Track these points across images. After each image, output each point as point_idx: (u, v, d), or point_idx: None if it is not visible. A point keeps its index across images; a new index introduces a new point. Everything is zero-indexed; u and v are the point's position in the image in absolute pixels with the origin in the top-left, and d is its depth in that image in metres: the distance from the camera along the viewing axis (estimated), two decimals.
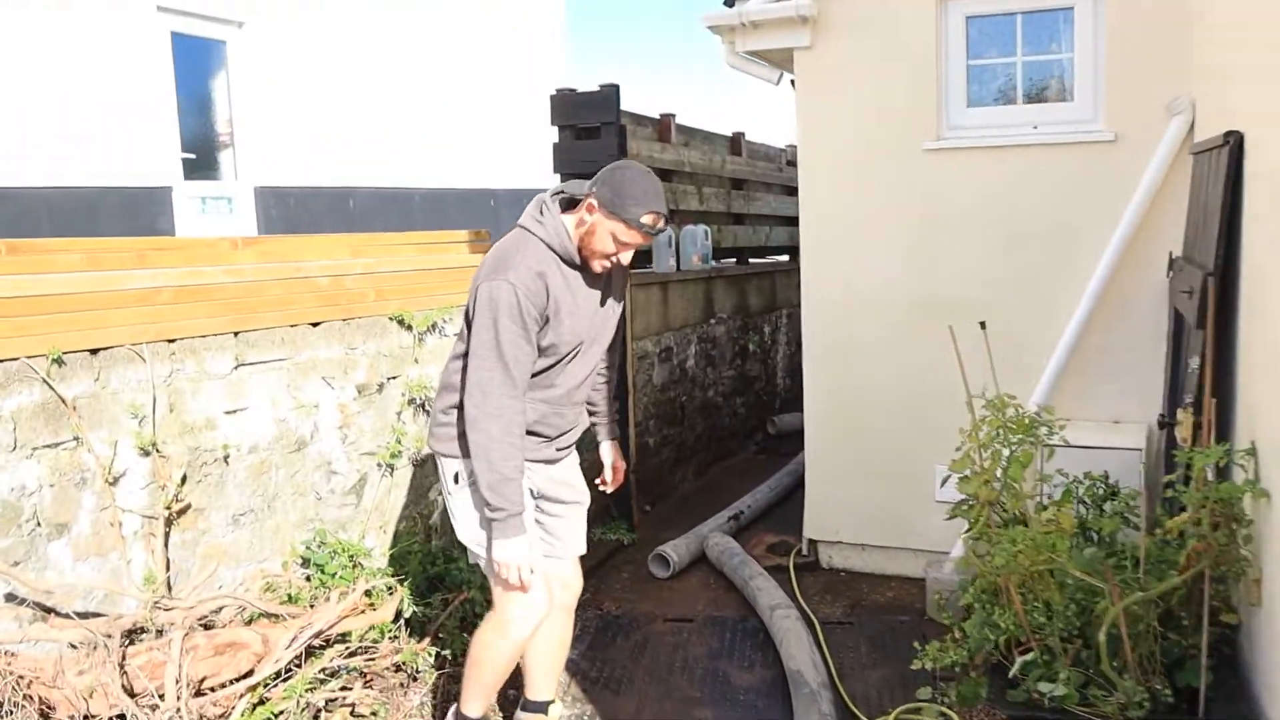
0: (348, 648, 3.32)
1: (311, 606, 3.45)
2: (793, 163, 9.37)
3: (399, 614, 3.63)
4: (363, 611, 3.41)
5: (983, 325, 3.32)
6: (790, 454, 7.16)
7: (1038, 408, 3.05)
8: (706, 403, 7.31)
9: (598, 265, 2.90)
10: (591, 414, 3.40)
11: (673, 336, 6.68)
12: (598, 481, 3.43)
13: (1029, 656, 2.77)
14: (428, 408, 4.29)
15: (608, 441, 3.47)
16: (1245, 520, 2.81)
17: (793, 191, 9.39)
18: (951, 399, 4.75)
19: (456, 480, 3.02)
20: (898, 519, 4.96)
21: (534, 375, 2.92)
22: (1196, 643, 2.90)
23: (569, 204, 2.97)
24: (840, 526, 5.10)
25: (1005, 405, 3.03)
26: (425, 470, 4.34)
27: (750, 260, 8.39)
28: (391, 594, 3.63)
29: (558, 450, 3.14)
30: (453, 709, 3.27)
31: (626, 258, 2.90)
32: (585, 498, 3.33)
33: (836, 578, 5.07)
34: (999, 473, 2.99)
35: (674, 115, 6.91)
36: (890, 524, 4.98)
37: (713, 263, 7.22)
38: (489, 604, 3.16)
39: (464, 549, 3.91)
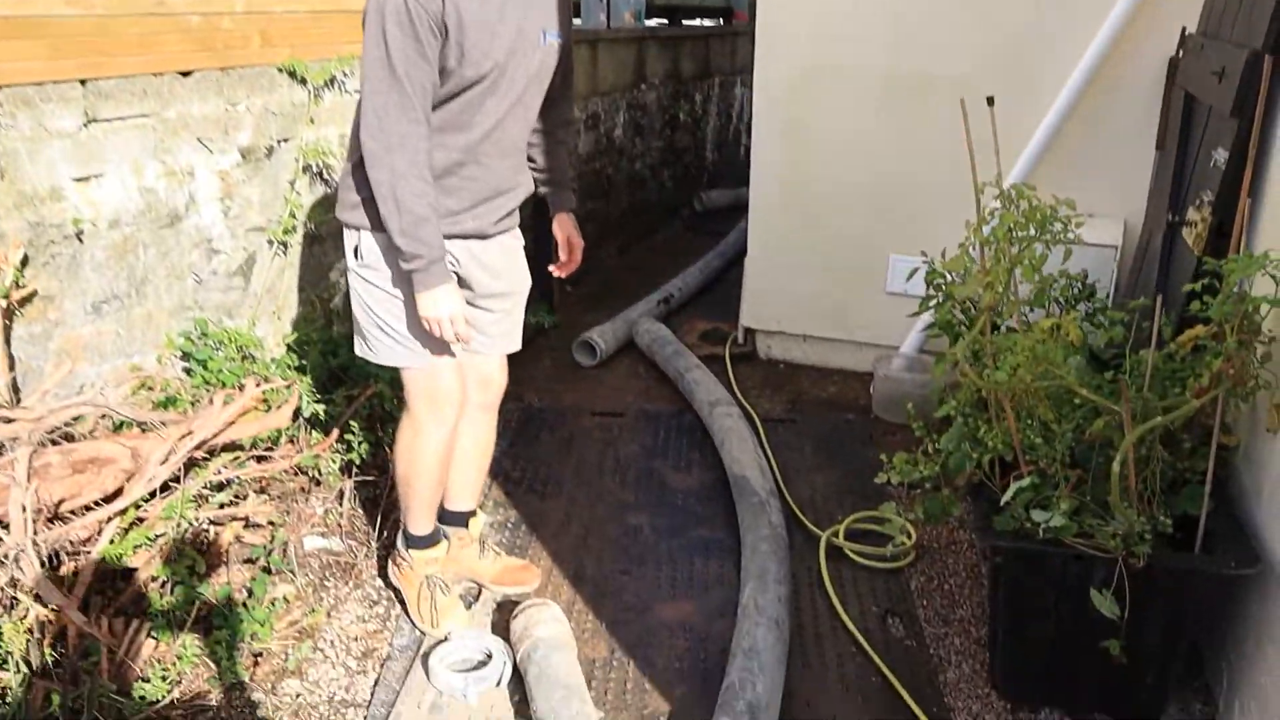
0: (237, 457, 2.87)
1: (194, 408, 2.96)
2: None
3: (297, 413, 3.18)
4: (253, 413, 2.94)
5: (990, 101, 2.84)
6: (718, 232, 6.73)
7: (1054, 200, 2.61)
8: (633, 175, 6.76)
9: None
10: (544, 180, 2.88)
11: (600, 102, 6.05)
12: (551, 268, 2.96)
13: (1024, 482, 2.45)
14: (326, 176, 3.68)
15: (562, 213, 2.95)
16: (1267, 337, 2.49)
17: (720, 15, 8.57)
18: (915, 186, 4.34)
19: (357, 255, 2.53)
20: (844, 310, 4.61)
21: (442, 106, 2.41)
22: (1194, 467, 2.64)
23: None
24: (781, 316, 4.74)
25: (1021, 196, 2.59)
26: (325, 247, 3.78)
27: (683, 22, 7.65)
28: (290, 391, 3.16)
29: (494, 224, 2.62)
30: (400, 532, 2.91)
31: None
32: (525, 286, 2.87)
33: (775, 370, 4.75)
34: (1018, 273, 2.58)
35: None
36: (836, 315, 4.63)
37: (645, 22, 6.52)
38: (401, 402, 2.74)
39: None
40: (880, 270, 4.49)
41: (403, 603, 2.91)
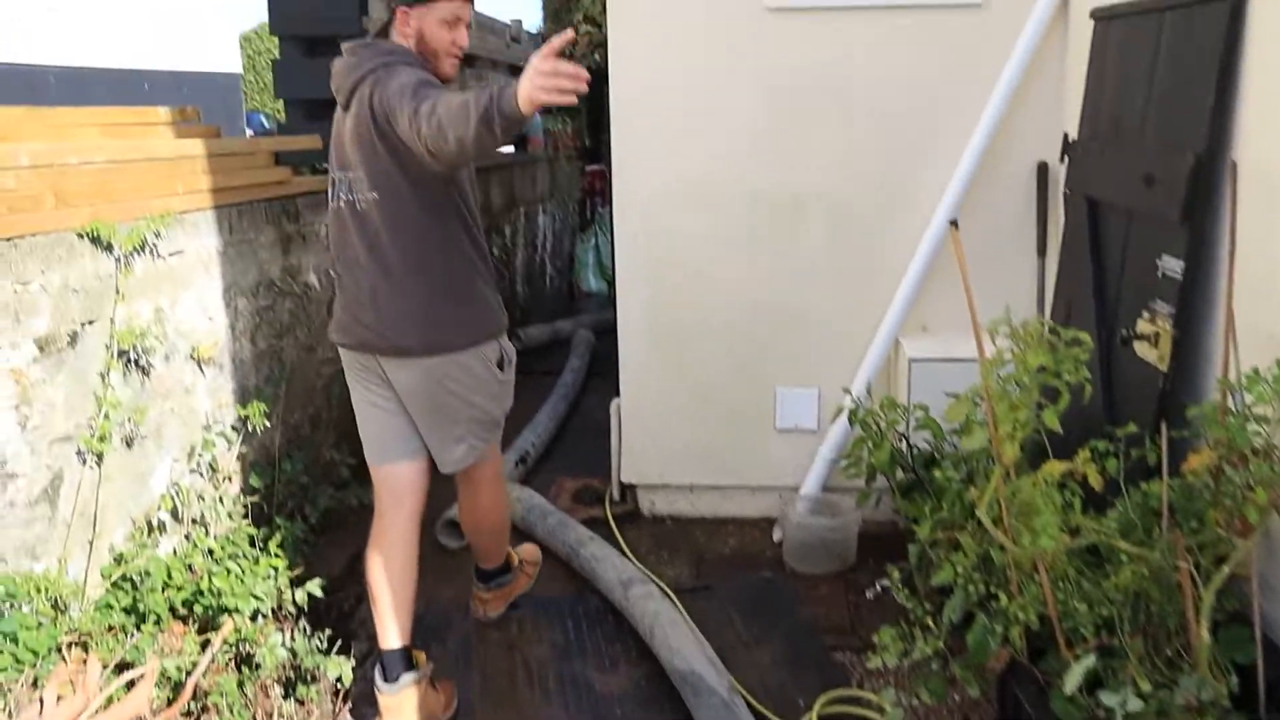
0: None
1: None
2: (517, 39, 8.26)
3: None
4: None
5: (954, 224, 2.55)
6: (547, 371, 6.26)
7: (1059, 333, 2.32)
8: None
9: (449, 65, 2.73)
10: None
11: None
12: None
13: (1089, 661, 2.08)
14: (144, 363, 2.99)
15: None
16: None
17: (518, 71, 8.31)
18: (795, 312, 4.05)
19: (501, 366, 2.89)
20: (732, 454, 4.22)
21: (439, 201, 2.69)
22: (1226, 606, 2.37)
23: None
24: (664, 467, 4.29)
25: (1035, 334, 2.28)
26: (145, 449, 3.05)
27: None
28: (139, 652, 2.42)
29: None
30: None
31: (464, 38, 2.74)
32: None
33: (664, 528, 4.28)
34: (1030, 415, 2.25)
35: None
36: (724, 459, 4.24)
37: None
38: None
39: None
40: (767, 406, 4.15)
41: None
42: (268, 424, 3.57)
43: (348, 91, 2.64)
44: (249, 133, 14.16)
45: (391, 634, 2.86)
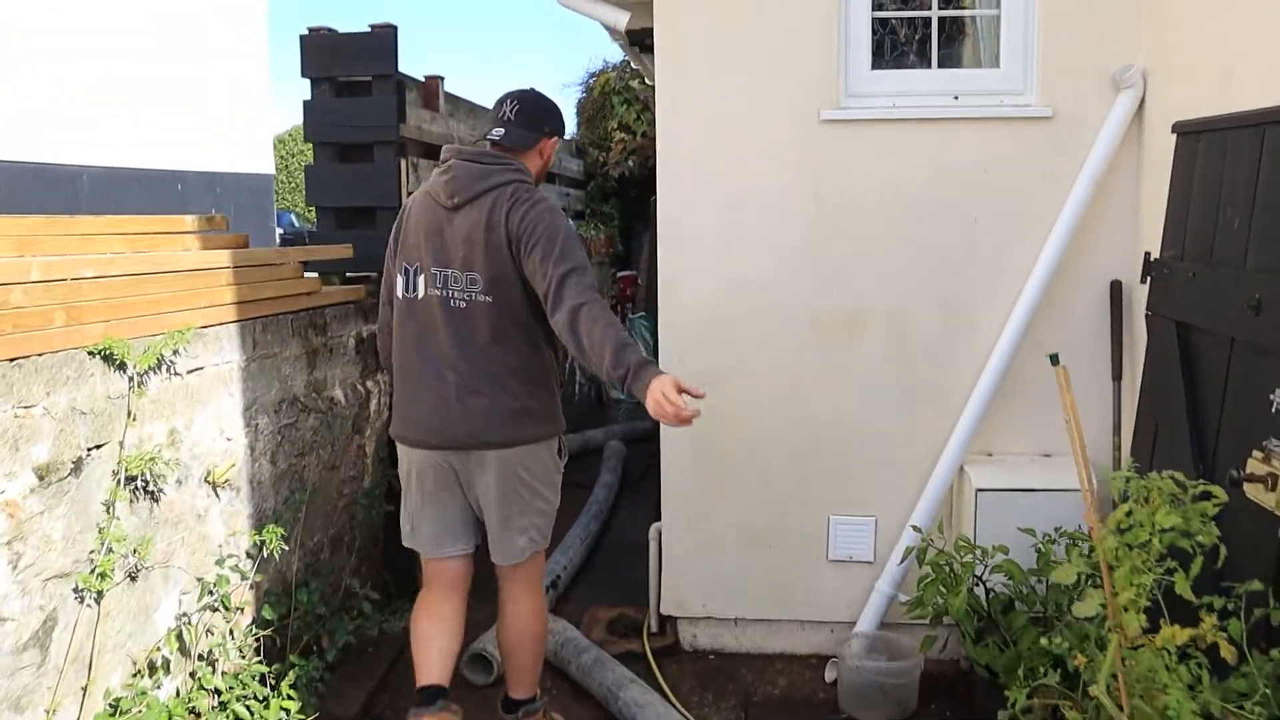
0: None
1: None
2: None
3: None
4: None
5: (1054, 359, 2.31)
6: (579, 484, 5.98)
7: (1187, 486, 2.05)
8: None
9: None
10: None
11: None
12: None
13: None
14: (153, 489, 2.74)
15: None
16: None
17: (552, 178, 8.23)
18: (852, 435, 3.79)
19: (560, 454, 3.03)
20: (781, 585, 3.92)
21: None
22: None
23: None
24: (707, 598, 3.98)
25: (1160, 490, 2.01)
26: (151, 583, 2.79)
27: None
28: None
29: None
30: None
31: None
32: None
33: (707, 664, 3.95)
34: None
35: (442, 79, 5.54)
36: (772, 591, 3.93)
37: None
38: None
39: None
40: (819, 535, 3.86)
41: None
42: (285, 547, 3.31)
43: (469, 194, 2.76)
44: (279, 231, 14.20)
45: (433, 671, 2.94)
